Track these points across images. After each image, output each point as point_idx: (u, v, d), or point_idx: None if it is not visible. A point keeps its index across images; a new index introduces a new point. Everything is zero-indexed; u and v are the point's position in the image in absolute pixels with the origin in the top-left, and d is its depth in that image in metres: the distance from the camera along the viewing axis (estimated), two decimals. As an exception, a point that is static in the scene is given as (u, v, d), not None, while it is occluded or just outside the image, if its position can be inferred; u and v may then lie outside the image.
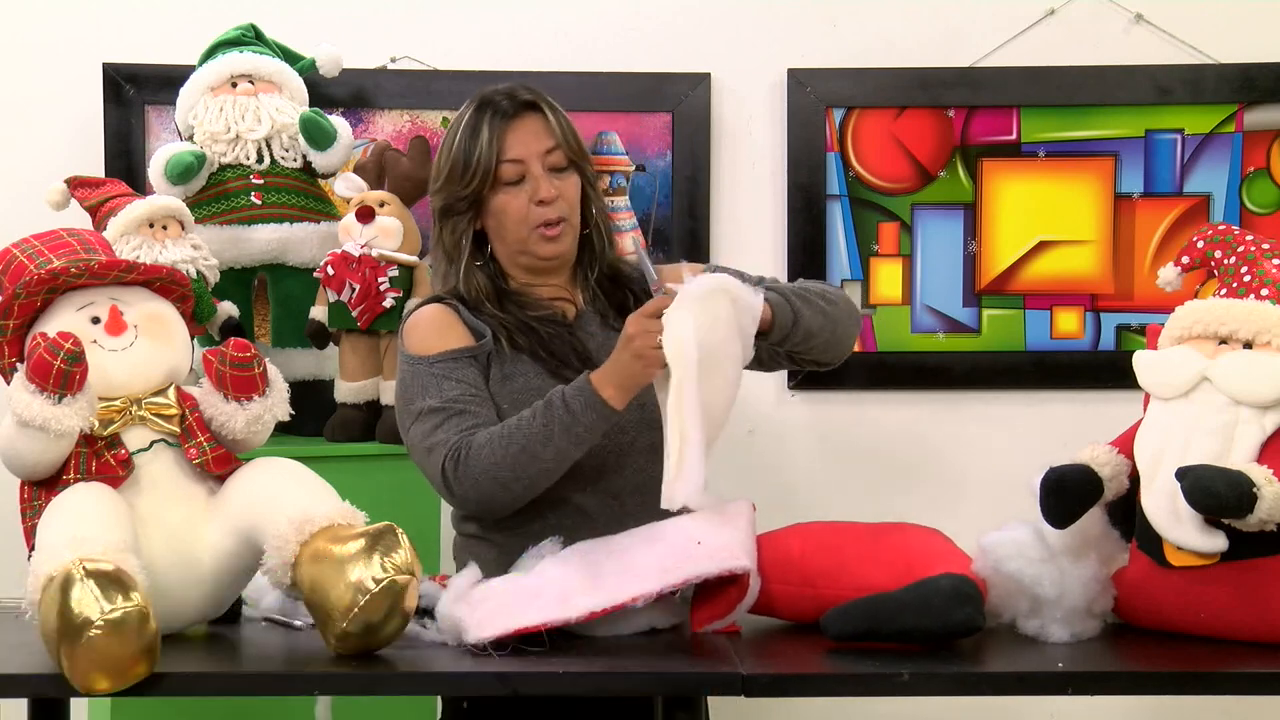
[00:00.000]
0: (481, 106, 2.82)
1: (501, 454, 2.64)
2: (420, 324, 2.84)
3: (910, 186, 3.95)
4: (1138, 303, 3.94)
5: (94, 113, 3.84)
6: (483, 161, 2.79)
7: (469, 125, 2.81)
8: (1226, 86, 3.91)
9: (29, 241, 2.60)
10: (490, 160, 2.79)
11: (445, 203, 2.83)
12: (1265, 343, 2.44)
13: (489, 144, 2.79)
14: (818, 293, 2.81)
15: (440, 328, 2.81)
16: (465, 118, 2.83)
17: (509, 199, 2.80)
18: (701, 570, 2.46)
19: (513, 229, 2.81)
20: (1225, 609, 2.40)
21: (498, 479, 2.65)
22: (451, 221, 2.84)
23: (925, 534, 2.59)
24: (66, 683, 2.23)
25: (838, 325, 2.81)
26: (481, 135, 2.79)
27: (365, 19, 3.91)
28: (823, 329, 2.78)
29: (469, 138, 2.80)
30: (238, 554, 2.44)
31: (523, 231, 2.81)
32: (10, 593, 2.56)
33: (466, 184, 2.79)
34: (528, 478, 2.66)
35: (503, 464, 2.65)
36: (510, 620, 2.38)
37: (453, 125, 2.84)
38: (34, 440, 2.38)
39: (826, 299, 2.82)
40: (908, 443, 3.97)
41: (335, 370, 3.56)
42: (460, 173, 2.80)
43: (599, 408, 2.62)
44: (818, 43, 3.94)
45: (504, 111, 2.81)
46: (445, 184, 2.82)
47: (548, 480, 2.67)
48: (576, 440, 2.63)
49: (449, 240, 2.84)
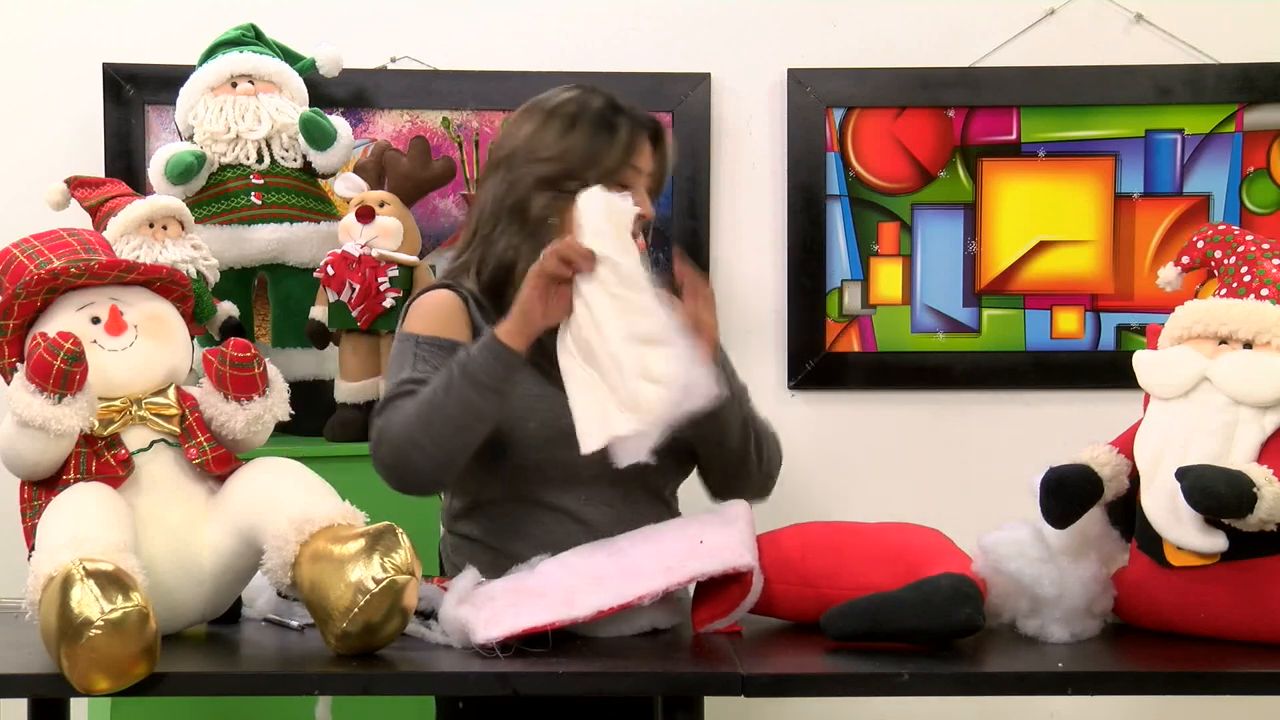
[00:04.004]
0: (615, 109, 2.80)
1: (414, 411, 2.62)
2: (426, 305, 2.82)
3: (910, 186, 3.95)
4: (1138, 303, 3.94)
5: (94, 113, 3.84)
6: (612, 158, 2.76)
7: (600, 119, 2.78)
8: (1226, 86, 3.91)
9: (29, 241, 2.59)
10: (619, 162, 2.77)
11: (553, 176, 2.75)
12: (1265, 343, 2.44)
13: (625, 147, 2.77)
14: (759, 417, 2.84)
15: (444, 315, 2.79)
16: (593, 109, 2.78)
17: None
18: (706, 568, 2.47)
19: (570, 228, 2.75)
20: (1225, 609, 2.40)
21: (410, 437, 2.62)
22: (548, 196, 2.75)
23: (925, 534, 2.59)
24: (66, 683, 2.23)
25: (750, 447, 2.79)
26: (619, 135, 2.77)
27: (365, 19, 3.91)
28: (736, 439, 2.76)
29: (601, 131, 2.77)
30: (238, 554, 2.44)
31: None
32: (10, 593, 2.56)
33: (585, 169, 2.74)
34: (436, 433, 2.61)
35: (412, 421, 2.62)
36: (517, 620, 2.37)
37: (564, 107, 2.79)
38: (34, 440, 2.38)
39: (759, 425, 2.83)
40: (907, 443, 3.98)
41: (335, 370, 3.56)
42: (584, 158, 2.75)
43: (493, 346, 2.58)
44: (818, 43, 3.94)
45: (643, 124, 2.81)
46: (560, 161, 2.75)
47: (460, 438, 2.61)
48: (476, 385, 2.57)
49: (537, 207, 2.75)
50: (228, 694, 2.86)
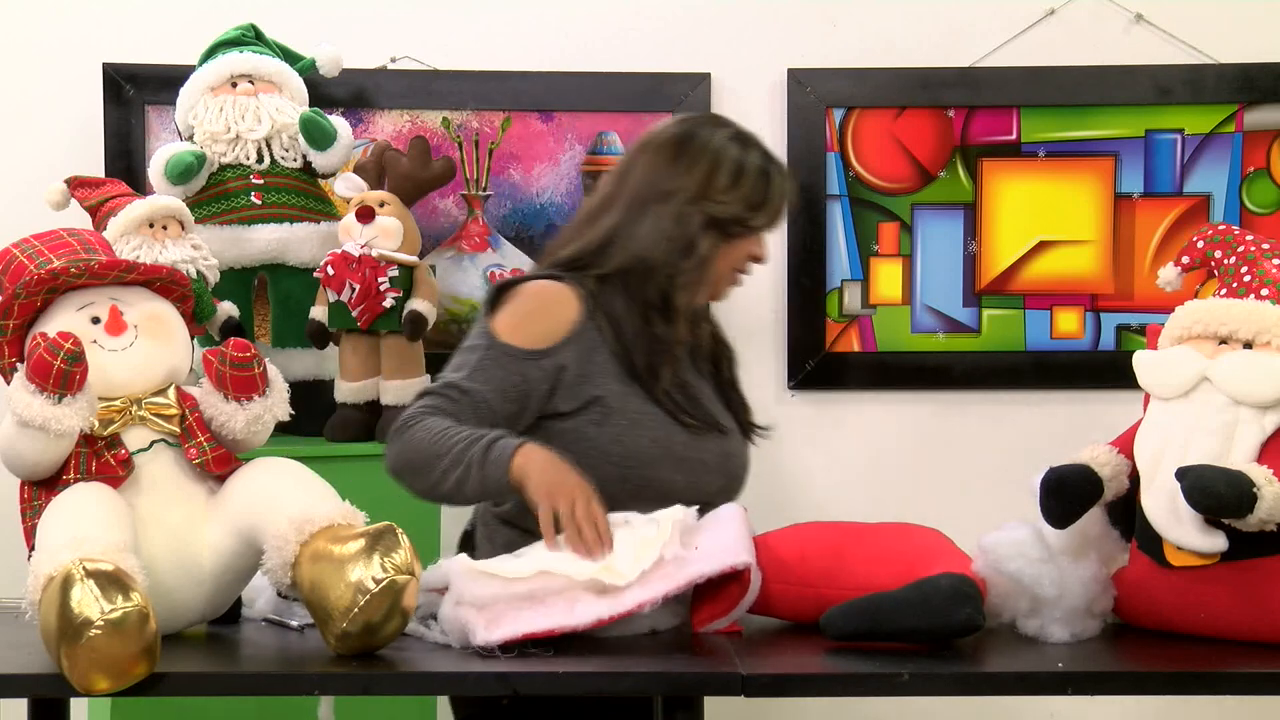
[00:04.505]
0: (775, 160, 2.95)
1: (427, 451, 2.68)
2: (527, 300, 2.83)
3: (910, 186, 3.95)
4: (1138, 303, 3.94)
5: (94, 113, 3.84)
6: (769, 209, 2.91)
7: (764, 170, 2.91)
8: (1226, 86, 3.91)
9: (29, 241, 2.59)
10: (773, 214, 2.92)
11: (725, 217, 2.87)
12: (1265, 343, 2.44)
13: (778, 199, 2.92)
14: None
15: (541, 315, 2.82)
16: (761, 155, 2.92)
17: (742, 245, 2.91)
18: (704, 569, 2.47)
19: (724, 268, 2.90)
20: (1225, 609, 2.40)
21: (412, 466, 2.71)
22: (714, 236, 2.87)
23: (925, 534, 2.59)
24: (66, 683, 2.23)
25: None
26: (774, 186, 2.91)
27: (365, 19, 3.91)
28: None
29: (765, 180, 2.90)
30: (238, 554, 2.44)
31: (725, 273, 2.91)
32: (10, 593, 2.56)
33: (748, 213, 2.89)
34: (433, 484, 2.69)
35: (421, 457, 2.69)
36: (518, 625, 2.38)
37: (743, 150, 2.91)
38: (34, 440, 2.38)
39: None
40: (908, 443, 3.97)
41: (335, 370, 3.56)
42: (750, 204, 2.89)
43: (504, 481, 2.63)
44: (818, 43, 3.94)
45: (787, 175, 2.96)
46: (728, 201, 2.88)
47: (451, 500, 2.71)
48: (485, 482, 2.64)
49: (704, 247, 2.86)
50: (228, 694, 2.86)
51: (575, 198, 3.93)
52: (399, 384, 3.48)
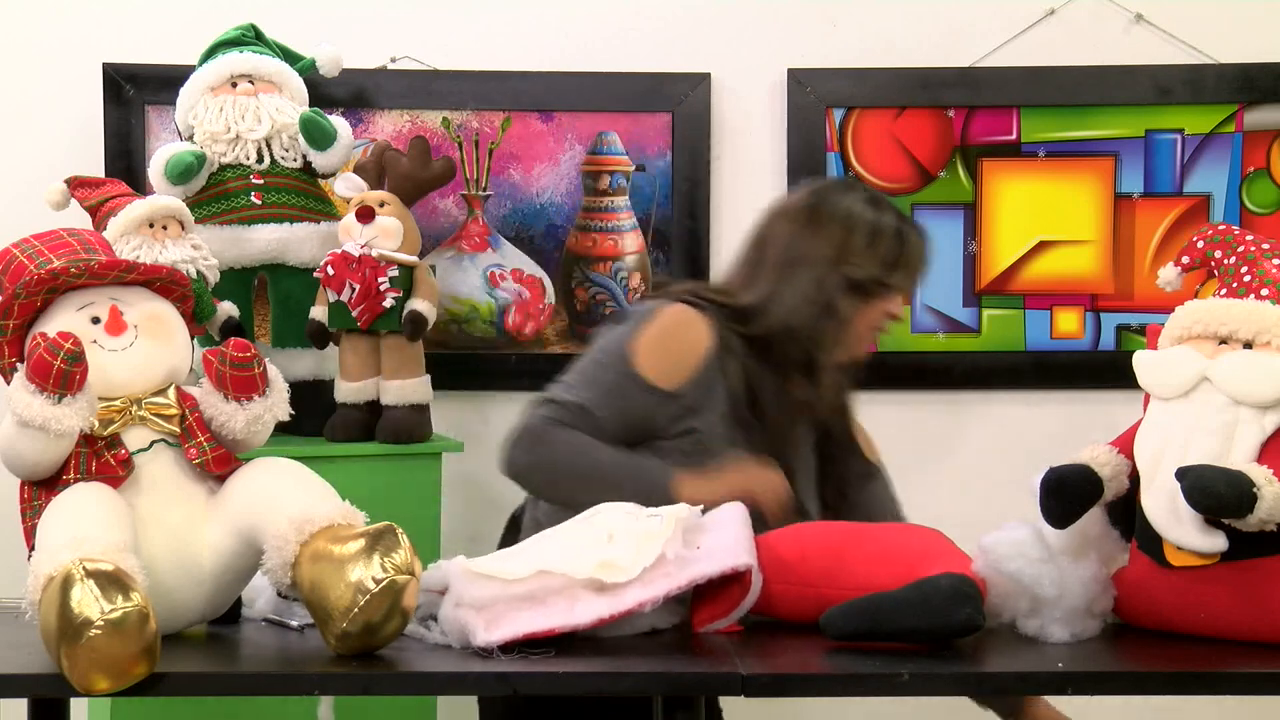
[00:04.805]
0: (908, 220, 3.03)
1: (568, 461, 2.82)
2: (666, 329, 2.92)
3: (910, 186, 3.95)
4: (1138, 303, 3.94)
5: (94, 113, 3.84)
6: (905, 267, 2.99)
7: (898, 230, 2.98)
8: (1226, 86, 3.91)
9: (29, 241, 2.59)
10: (909, 272, 3.01)
11: (863, 279, 2.94)
12: (1265, 343, 2.44)
13: (914, 258, 3.00)
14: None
15: (682, 345, 2.91)
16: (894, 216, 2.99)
17: (880, 304, 2.98)
18: (705, 570, 2.46)
19: (863, 328, 2.98)
20: (1225, 609, 2.40)
21: (550, 475, 2.84)
22: (854, 299, 2.95)
23: (925, 534, 2.59)
24: (66, 683, 2.23)
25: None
26: (908, 245, 2.98)
27: (365, 19, 3.91)
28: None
29: (899, 240, 2.97)
30: (238, 554, 2.43)
31: (864, 332, 2.99)
32: (10, 593, 2.56)
33: (885, 273, 2.96)
34: (566, 495, 2.80)
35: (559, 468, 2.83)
36: (518, 626, 2.38)
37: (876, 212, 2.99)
38: (34, 440, 2.37)
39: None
40: (908, 443, 3.97)
41: (335, 370, 3.56)
42: (886, 264, 2.96)
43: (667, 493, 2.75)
44: (818, 43, 3.94)
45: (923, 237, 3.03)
46: (865, 262, 2.95)
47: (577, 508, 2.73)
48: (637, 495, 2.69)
49: (844, 308, 2.94)
50: (228, 694, 2.85)
51: (575, 198, 3.93)
52: (399, 384, 3.48)
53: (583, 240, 3.95)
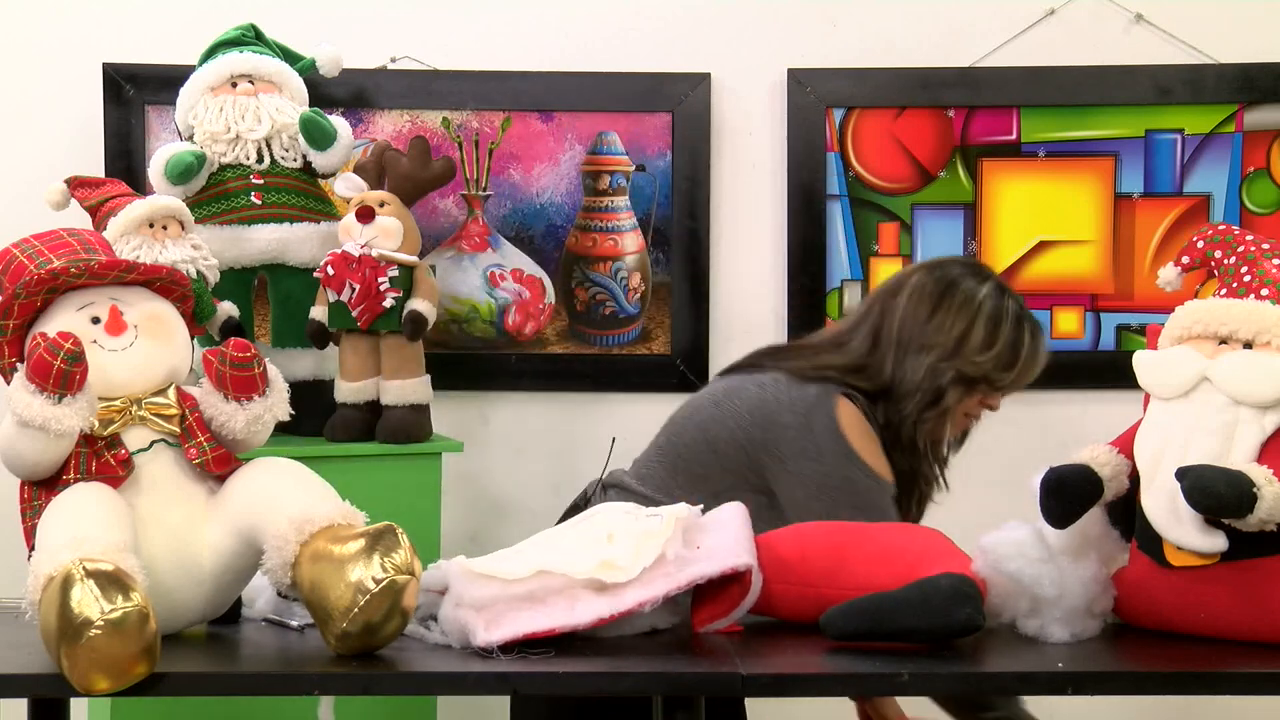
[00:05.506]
0: (1029, 319, 3.06)
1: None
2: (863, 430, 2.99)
3: (910, 186, 3.95)
4: (1138, 303, 3.94)
5: (94, 113, 3.84)
6: (1018, 372, 3.04)
7: (1017, 338, 3.03)
8: (1226, 86, 3.91)
9: (29, 241, 2.59)
10: (1021, 376, 3.06)
11: (975, 376, 3.02)
12: (1265, 343, 2.44)
13: (1029, 364, 3.05)
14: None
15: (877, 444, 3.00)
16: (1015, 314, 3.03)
17: (981, 397, 3.07)
18: (705, 570, 2.46)
19: (959, 415, 3.06)
20: (1225, 609, 2.40)
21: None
22: (961, 390, 3.02)
23: (925, 534, 2.59)
24: (66, 683, 2.23)
25: None
26: (1025, 350, 3.03)
27: (365, 19, 3.91)
28: None
29: (1017, 346, 3.03)
30: (238, 554, 2.44)
31: (959, 419, 3.07)
32: (10, 593, 2.56)
33: (997, 375, 3.03)
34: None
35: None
36: (518, 626, 2.38)
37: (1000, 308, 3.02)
38: (34, 440, 2.37)
39: None
40: (908, 443, 3.97)
41: (335, 370, 3.56)
42: (1000, 365, 3.02)
43: None
44: (818, 43, 3.94)
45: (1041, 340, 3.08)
46: (981, 361, 3.02)
47: None
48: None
49: (951, 399, 3.01)
50: (228, 694, 2.85)
51: (575, 198, 3.93)
52: (399, 384, 3.48)
53: (583, 240, 3.95)
